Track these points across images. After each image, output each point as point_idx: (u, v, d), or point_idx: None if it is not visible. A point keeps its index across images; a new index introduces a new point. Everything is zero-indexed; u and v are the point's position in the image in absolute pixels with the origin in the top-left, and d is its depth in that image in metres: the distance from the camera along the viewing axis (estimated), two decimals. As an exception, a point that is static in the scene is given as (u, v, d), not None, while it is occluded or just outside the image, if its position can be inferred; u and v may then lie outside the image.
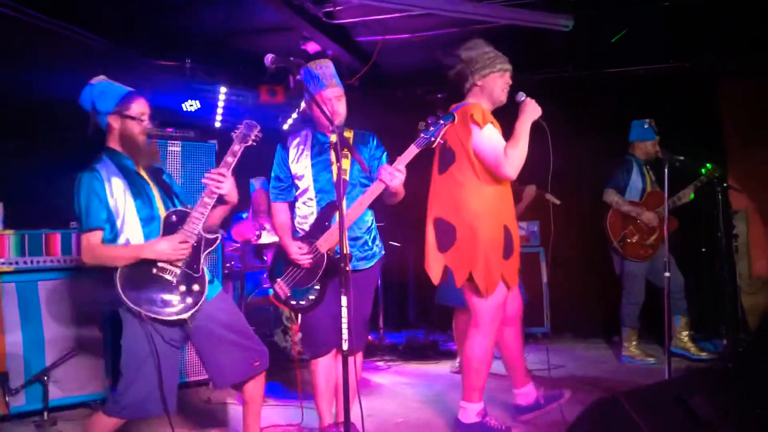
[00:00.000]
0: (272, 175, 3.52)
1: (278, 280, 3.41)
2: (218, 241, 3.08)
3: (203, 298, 2.92)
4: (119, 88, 3.00)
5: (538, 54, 5.83)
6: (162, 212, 3.01)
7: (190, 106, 5.85)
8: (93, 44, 4.97)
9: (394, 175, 3.12)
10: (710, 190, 4.94)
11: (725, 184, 4.88)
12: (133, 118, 2.96)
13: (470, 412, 3.50)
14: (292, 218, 3.50)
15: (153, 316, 2.81)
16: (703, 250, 5.67)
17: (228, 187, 3.00)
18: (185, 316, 2.86)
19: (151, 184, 3.04)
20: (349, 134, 3.45)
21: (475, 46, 3.52)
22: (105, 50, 5.01)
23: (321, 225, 3.33)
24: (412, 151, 3.16)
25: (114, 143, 2.98)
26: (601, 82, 6.31)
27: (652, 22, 5.18)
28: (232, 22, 5.15)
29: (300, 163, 3.41)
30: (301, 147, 3.44)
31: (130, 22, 4.99)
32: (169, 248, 2.87)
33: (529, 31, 4.87)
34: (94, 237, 2.84)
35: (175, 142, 4.70)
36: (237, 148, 3.05)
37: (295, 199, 3.48)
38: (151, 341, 2.83)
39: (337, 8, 4.85)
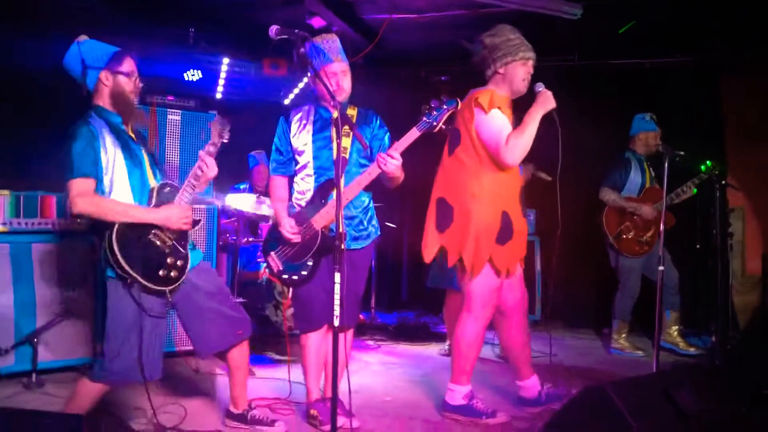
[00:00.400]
0: (273, 147, 3.50)
1: (272, 253, 3.42)
2: (200, 222, 3.09)
3: (186, 273, 2.93)
4: (107, 45, 2.98)
5: (545, 41, 5.76)
6: (151, 179, 3.00)
7: (192, 75, 5.82)
8: (94, 10, 4.91)
9: (387, 161, 3.13)
10: (708, 187, 4.93)
11: (723, 182, 4.87)
12: (125, 74, 2.95)
13: (457, 394, 3.53)
14: (290, 193, 3.50)
15: (142, 281, 2.79)
16: (698, 246, 5.68)
17: (215, 170, 3.03)
18: (168, 288, 2.88)
19: (142, 148, 3.04)
20: (352, 112, 3.43)
21: (500, 32, 3.47)
22: (106, 17, 4.96)
23: (317, 202, 3.33)
24: (413, 134, 3.17)
25: (102, 101, 2.95)
26: (605, 73, 6.28)
27: (659, 15, 5.14)
28: (239, -7, 5.11)
29: (301, 138, 3.39)
30: (303, 122, 3.41)
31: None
32: (177, 216, 2.90)
33: (537, 17, 4.84)
34: (87, 183, 2.78)
35: (175, 110, 4.67)
36: (218, 141, 3.04)
37: (294, 173, 3.47)
38: (137, 309, 2.84)
39: (345, -17, 4.81)
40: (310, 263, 3.34)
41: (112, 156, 2.87)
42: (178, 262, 2.92)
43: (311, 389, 3.50)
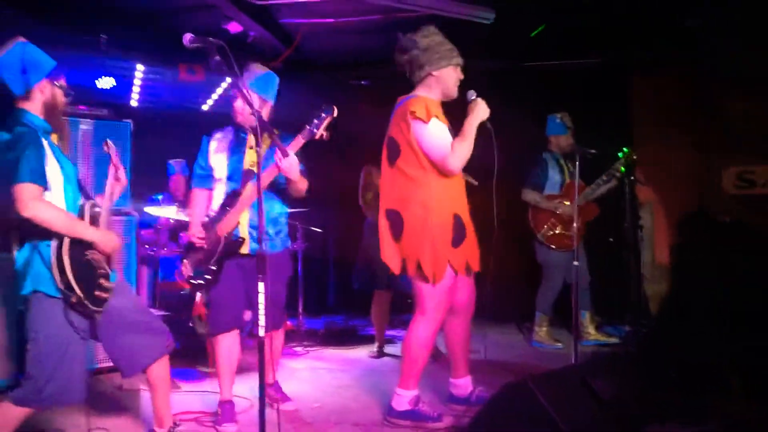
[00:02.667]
0: (195, 162, 3.74)
1: (185, 260, 3.66)
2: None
3: (111, 294, 2.87)
4: (46, 55, 2.88)
5: (459, 45, 5.92)
6: (77, 196, 2.93)
7: (105, 83, 5.64)
8: (3, 17, 4.70)
9: (281, 158, 3.31)
10: (618, 183, 5.16)
11: (632, 177, 5.11)
12: (63, 88, 2.90)
13: (404, 399, 3.50)
14: (209, 206, 3.68)
15: (85, 301, 2.71)
16: (611, 239, 5.93)
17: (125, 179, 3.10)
18: (100, 309, 2.81)
19: (71, 163, 2.96)
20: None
21: (432, 34, 3.48)
22: (16, 21, 4.76)
23: (223, 210, 3.55)
24: (298, 141, 3.41)
25: (33, 108, 2.83)
26: (521, 75, 6.47)
27: (569, 17, 5.35)
28: (152, -1, 5.00)
29: (218, 156, 3.63)
30: (223, 141, 3.66)
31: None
32: (112, 241, 2.90)
33: (451, 21, 4.94)
34: (38, 190, 2.66)
35: (87, 120, 4.50)
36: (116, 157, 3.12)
37: (212, 188, 3.68)
38: (69, 329, 2.76)
39: (261, -12, 4.78)
40: (213, 267, 3.51)
41: (52, 169, 2.77)
42: (106, 284, 2.85)
43: (223, 389, 3.60)
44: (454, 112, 3.57)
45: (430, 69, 3.45)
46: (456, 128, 3.46)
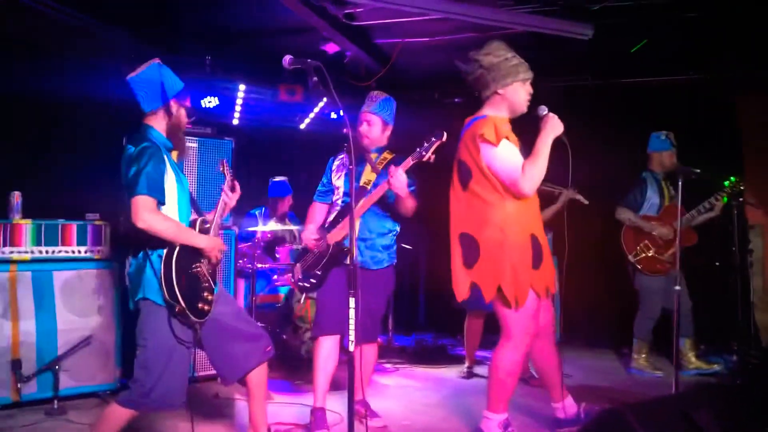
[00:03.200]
0: (322, 180, 4.04)
1: (297, 264, 3.92)
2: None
3: (214, 307, 2.99)
4: (177, 78, 3.06)
5: (557, 61, 5.82)
6: (192, 212, 3.10)
7: (209, 102, 5.90)
8: (115, 38, 5.03)
9: (394, 174, 3.47)
10: (726, 204, 4.91)
11: (741, 199, 4.84)
12: (187, 109, 3.10)
13: (493, 423, 3.42)
14: (326, 219, 3.93)
15: (187, 311, 2.82)
16: (717, 264, 5.63)
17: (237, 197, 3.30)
18: (201, 320, 2.92)
19: (187, 180, 3.12)
20: (388, 156, 3.84)
21: (496, 51, 3.39)
22: (126, 45, 5.07)
23: (335, 222, 3.77)
24: (408, 162, 3.52)
25: (158, 126, 3.01)
26: (619, 92, 6.29)
27: (671, 33, 5.16)
28: (254, 21, 5.21)
29: (337, 175, 3.93)
30: (342, 164, 3.94)
31: (153, 18, 5.05)
32: (218, 247, 3.04)
33: (549, 38, 4.87)
34: (153, 203, 2.81)
35: (192, 138, 4.74)
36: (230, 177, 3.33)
37: (333, 203, 3.95)
38: (175, 334, 2.88)
39: (357, 10, 4.87)
40: (319, 272, 3.74)
41: (170, 183, 2.93)
42: (210, 297, 2.97)
43: (316, 396, 3.68)
44: (530, 128, 3.45)
45: (496, 87, 3.37)
46: (529, 145, 3.33)
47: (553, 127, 3.30)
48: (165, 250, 2.85)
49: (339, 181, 3.89)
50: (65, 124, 5.18)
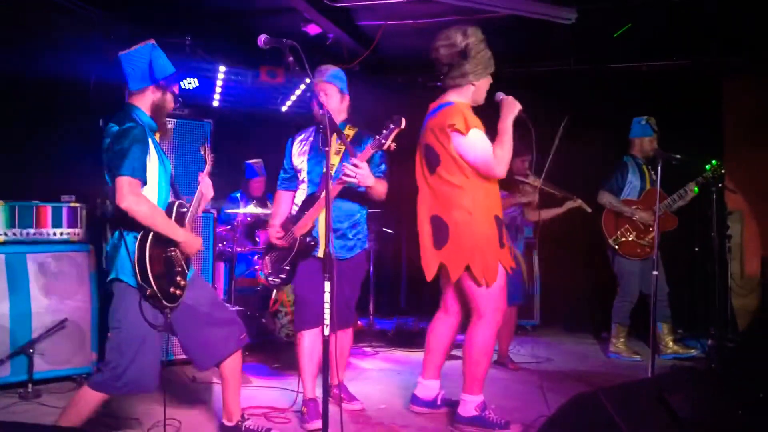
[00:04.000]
0: (282, 166, 3.83)
1: (266, 257, 3.79)
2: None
3: (185, 293, 2.96)
4: (169, 62, 3.01)
5: (540, 46, 5.80)
6: (169, 193, 3.06)
7: (188, 84, 5.82)
8: (91, 17, 4.92)
9: (349, 168, 3.34)
10: (706, 190, 4.93)
11: (720, 185, 4.86)
12: (173, 94, 3.04)
13: (470, 405, 3.47)
14: (291, 207, 3.77)
15: (159, 295, 2.79)
16: (696, 249, 5.67)
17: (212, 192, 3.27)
18: (172, 305, 2.89)
19: (169, 162, 3.08)
20: (350, 132, 3.68)
21: (480, 41, 3.43)
22: (105, 24, 4.97)
23: (301, 212, 3.61)
24: (368, 151, 3.41)
25: (143, 106, 2.96)
26: (602, 77, 6.29)
27: (655, 18, 5.15)
28: (235, 2, 5.13)
29: (299, 157, 3.70)
30: (304, 143, 3.73)
31: (132, -5, 4.96)
32: (198, 243, 3.02)
33: (532, 22, 4.84)
34: (137, 184, 2.78)
35: (170, 120, 4.66)
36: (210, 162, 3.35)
37: (297, 188, 3.76)
38: (145, 318, 2.84)
39: (340, -9, 4.82)
40: (287, 267, 3.63)
41: (153, 164, 2.89)
42: (182, 282, 2.94)
43: (306, 387, 3.64)
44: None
45: (473, 78, 3.45)
46: (489, 128, 3.44)
47: (509, 108, 3.41)
48: (141, 232, 2.80)
49: (302, 164, 3.68)
50: (39, 104, 5.07)
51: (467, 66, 3.41)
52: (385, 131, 3.34)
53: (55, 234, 4.24)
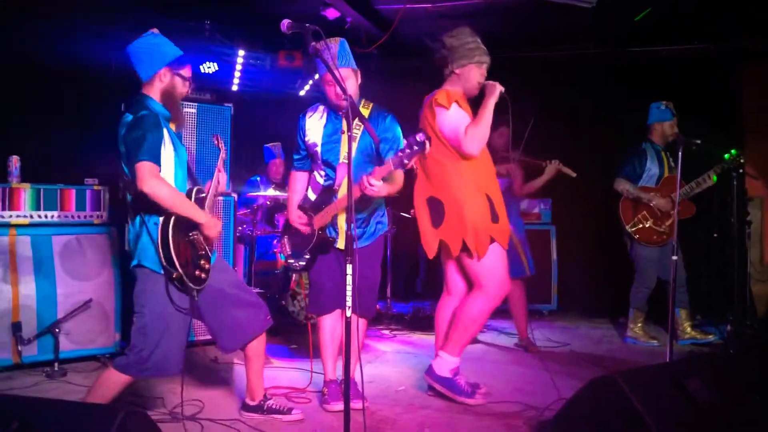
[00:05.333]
0: (294, 148, 3.74)
1: (284, 238, 3.75)
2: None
3: (210, 276, 3.01)
4: (174, 45, 3.04)
5: (560, 30, 5.76)
6: (187, 181, 3.10)
7: (208, 68, 5.86)
8: (115, 4, 4.96)
9: (365, 186, 3.22)
10: (726, 176, 4.89)
11: (741, 171, 4.82)
12: (183, 77, 3.05)
13: (445, 364, 3.66)
14: (309, 185, 3.70)
15: (185, 278, 2.84)
16: (715, 235, 5.64)
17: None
18: (199, 287, 2.94)
19: (185, 150, 3.11)
20: (365, 109, 3.55)
21: (460, 34, 3.66)
22: (123, 7, 5.01)
23: (319, 204, 3.56)
24: (387, 168, 3.21)
25: (154, 94, 2.99)
26: (623, 61, 6.24)
27: (677, 1, 5.09)
28: (253, -15, 5.14)
29: (313, 137, 3.58)
30: (315, 122, 3.60)
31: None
32: (218, 225, 3.04)
33: (552, 5, 4.81)
34: (156, 168, 2.80)
35: (191, 103, 4.72)
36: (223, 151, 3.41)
37: (312, 169, 3.70)
38: (173, 302, 2.89)
39: (359, -25, 4.82)
40: (307, 256, 3.60)
41: (168, 152, 2.93)
42: (207, 265, 2.99)
43: (327, 369, 3.66)
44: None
45: (453, 67, 3.64)
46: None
47: (491, 90, 3.55)
48: (162, 217, 2.84)
49: (317, 148, 3.54)
50: (64, 89, 5.14)
51: (449, 57, 3.64)
52: (408, 150, 3.10)
53: (79, 216, 4.32)
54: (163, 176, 2.86)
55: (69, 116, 5.13)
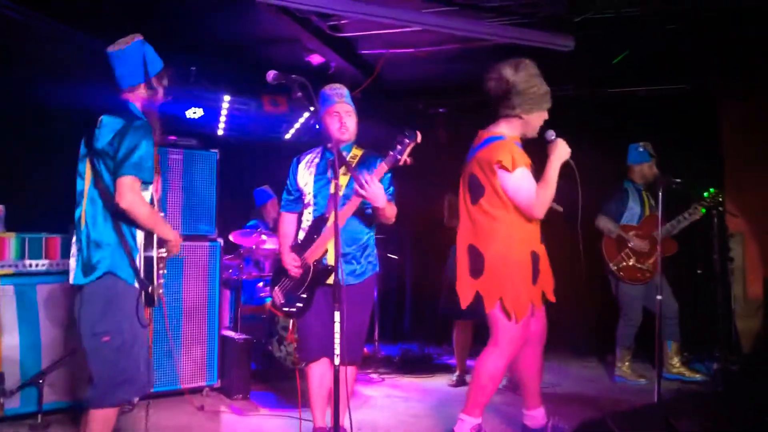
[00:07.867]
0: (285, 186, 3.72)
1: (276, 287, 3.64)
2: None
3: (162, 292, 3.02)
4: (158, 56, 3.04)
5: (540, 71, 5.86)
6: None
7: (194, 113, 5.90)
8: (97, 49, 4.99)
9: (363, 185, 3.23)
10: (707, 213, 4.97)
11: (720, 208, 4.91)
12: (165, 89, 3.05)
13: (466, 425, 3.49)
14: (298, 228, 3.66)
15: (156, 293, 2.85)
16: (699, 272, 5.70)
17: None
18: (155, 305, 2.94)
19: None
20: (357, 152, 3.59)
21: (527, 74, 3.43)
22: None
23: (310, 237, 3.51)
24: (382, 168, 3.30)
25: (136, 102, 2.97)
26: (602, 102, 6.37)
27: (653, 44, 5.23)
28: (238, 32, 5.22)
29: (305, 177, 3.60)
30: (309, 163, 3.63)
31: (136, 27, 5.01)
32: (178, 243, 3.03)
33: (530, 49, 4.91)
34: (138, 184, 2.76)
35: (177, 150, 4.73)
36: None
37: (302, 211, 3.66)
38: (139, 318, 2.85)
39: (342, 22, 4.91)
40: (304, 295, 3.50)
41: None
42: (161, 282, 2.98)
43: (316, 417, 3.60)
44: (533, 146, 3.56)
45: (521, 112, 3.45)
46: (535, 164, 3.42)
47: (560, 153, 3.40)
48: (145, 231, 2.86)
49: (308, 186, 3.56)
50: (47, 136, 5.14)
51: (515, 100, 3.42)
52: (399, 147, 3.24)
53: (65, 264, 4.27)
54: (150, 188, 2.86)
55: (52, 163, 5.10)
